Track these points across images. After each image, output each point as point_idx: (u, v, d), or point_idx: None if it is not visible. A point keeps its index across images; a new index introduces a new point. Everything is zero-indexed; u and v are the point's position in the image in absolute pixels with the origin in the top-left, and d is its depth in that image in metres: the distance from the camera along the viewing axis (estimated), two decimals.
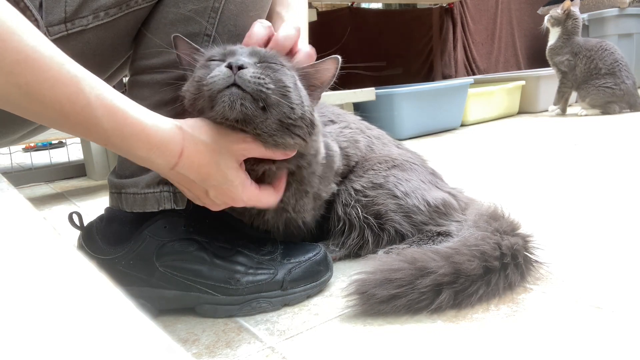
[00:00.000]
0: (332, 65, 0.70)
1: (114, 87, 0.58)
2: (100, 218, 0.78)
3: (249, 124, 0.62)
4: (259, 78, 0.60)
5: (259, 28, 0.69)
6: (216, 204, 0.66)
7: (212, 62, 0.64)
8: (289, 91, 0.64)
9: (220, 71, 0.60)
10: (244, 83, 0.60)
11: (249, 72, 0.60)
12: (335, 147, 0.87)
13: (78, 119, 0.52)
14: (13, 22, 0.47)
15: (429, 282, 0.67)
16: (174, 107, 0.69)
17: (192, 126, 0.61)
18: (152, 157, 0.57)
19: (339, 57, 0.69)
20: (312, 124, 0.69)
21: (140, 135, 0.55)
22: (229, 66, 0.60)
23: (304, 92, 0.67)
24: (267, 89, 0.61)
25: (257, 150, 0.65)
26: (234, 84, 0.60)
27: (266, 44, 0.70)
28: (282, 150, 0.67)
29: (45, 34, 0.63)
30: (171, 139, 0.58)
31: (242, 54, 0.64)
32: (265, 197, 0.69)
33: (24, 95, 0.49)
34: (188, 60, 0.69)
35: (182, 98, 0.67)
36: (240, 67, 0.60)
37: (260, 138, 0.64)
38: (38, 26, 0.62)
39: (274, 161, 0.69)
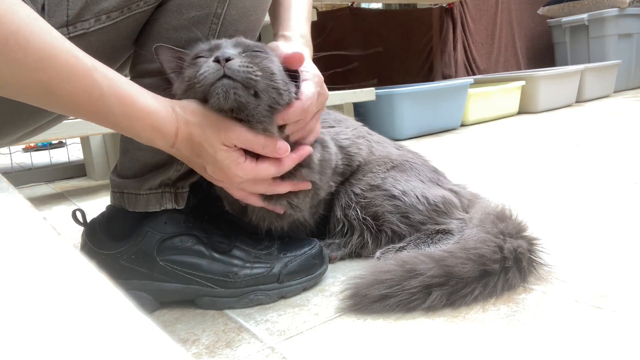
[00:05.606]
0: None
1: None
2: (102, 215, 0.79)
3: (242, 110, 0.64)
4: (247, 67, 0.63)
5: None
6: (215, 180, 0.69)
7: (199, 59, 0.66)
8: (275, 76, 0.66)
9: (208, 66, 0.62)
10: (234, 73, 0.62)
11: (236, 62, 0.62)
12: (331, 145, 0.87)
13: (92, 108, 0.56)
14: (34, 21, 0.50)
15: (418, 283, 0.68)
16: None
17: (183, 107, 0.64)
18: (155, 138, 0.62)
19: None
20: None
21: (146, 119, 0.59)
22: (217, 60, 0.62)
23: (287, 79, 0.69)
24: (256, 76, 0.63)
25: (242, 136, 0.65)
26: (225, 76, 0.62)
27: None
28: (266, 136, 0.67)
29: None
30: (168, 121, 0.61)
31: (226, 47, 0.66)
32: (264, 170, 0.68)
33: (44, 89, 0.52)
34: (174, 66, 0.70)
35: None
36: (228, 59, 0.62)
37: (250, 124, 0.65)
38: None
39: None
